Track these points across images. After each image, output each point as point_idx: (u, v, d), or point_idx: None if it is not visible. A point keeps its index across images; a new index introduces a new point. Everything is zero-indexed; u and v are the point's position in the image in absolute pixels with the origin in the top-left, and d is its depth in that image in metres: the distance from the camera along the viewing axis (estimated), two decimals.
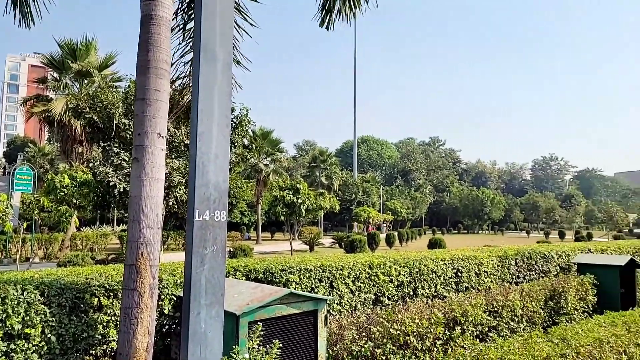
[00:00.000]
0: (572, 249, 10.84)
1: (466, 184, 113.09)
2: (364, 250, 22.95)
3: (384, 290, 6.94)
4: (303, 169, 67.67)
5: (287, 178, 39.56)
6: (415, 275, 7.32)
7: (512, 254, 9.09)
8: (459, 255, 8.09)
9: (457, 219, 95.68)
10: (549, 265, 9.78)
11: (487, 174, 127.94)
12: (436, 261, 7.65)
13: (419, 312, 5.83)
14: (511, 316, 6.85)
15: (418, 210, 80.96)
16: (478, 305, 6.35)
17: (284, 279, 6.11)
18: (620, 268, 8.70)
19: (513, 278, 9.00)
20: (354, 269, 6.67)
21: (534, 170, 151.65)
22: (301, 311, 4.74)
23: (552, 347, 5.26)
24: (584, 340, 5.53)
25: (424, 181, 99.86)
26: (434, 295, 7.55)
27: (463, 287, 8.00)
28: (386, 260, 7.08)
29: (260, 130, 39.33)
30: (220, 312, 4.20)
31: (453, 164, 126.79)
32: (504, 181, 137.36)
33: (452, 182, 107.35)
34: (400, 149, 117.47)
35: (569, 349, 5.30)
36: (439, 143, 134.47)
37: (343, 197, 62.99)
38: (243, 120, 19.27)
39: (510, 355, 4.85)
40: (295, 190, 25.69)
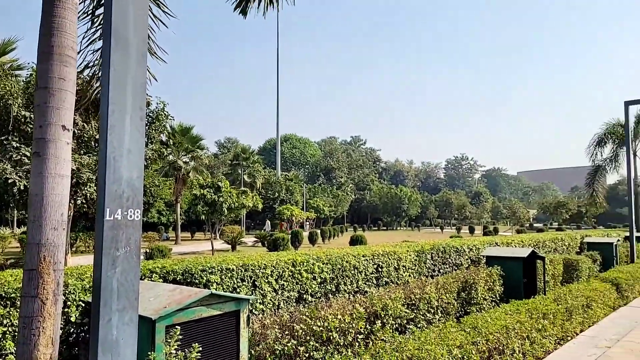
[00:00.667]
0: (482, 242, 11.59)
1: (385, 182, 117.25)
2: (287, 248, 22.94)
3: (307, 288, 6.94)
4: (225, 167, 66.29)
5: (208, 176, 38.50)
6: (338, 272, 7.41)
7: (428, 248, 9.52)
8: (379, 251, 8.32)
9: (377, 216, 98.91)
10: (461, 259, 10.37)
11: (404, 173, 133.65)
12: (358, 257, 7.80)
13: (342, 308, 5.89)
14: (428, 308, 7.16)
15: (340, 208, 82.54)
16: (397, 299, 6.55)
17: (204, 280, 5.90)
18: (523, 259, 9.43)
19: (429, 271, 9.42)
20: (277, 267, 6.61)
21: (447, 169, 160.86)
22: (223, 312, 4.59)
23: (465, 336, 5.56)
24: (492, 328, 5.90)
25: (345, 179, 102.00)
26: (356, 290, 7.70)
27: (383, 281, 8.24)
28: (309, 257, 7.09)
29: (180, 126, 37.89)
30: (134, 317, 3.93)
31: (373, 162, 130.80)
32: (420, 180, 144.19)
33: (373, 180, 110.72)
34: (322, 147, 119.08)
35: (480, 336, 5.64)
36: (360, 142, 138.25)
37: (266, 195, 62.60)
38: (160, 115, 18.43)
39: (427, 346, 5.05)
40: (217, 188, 25.06)
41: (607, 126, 27.37)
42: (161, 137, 30.55)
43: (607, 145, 28.08)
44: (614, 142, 27.18)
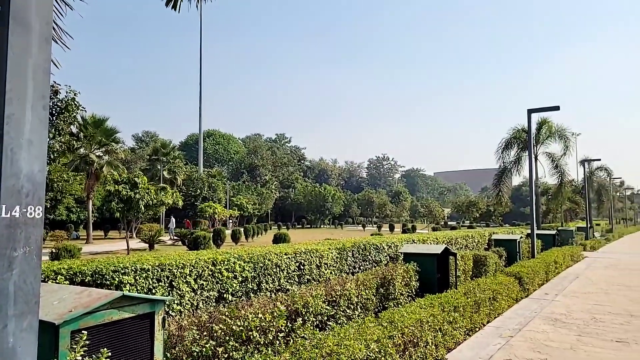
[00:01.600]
0: (400, 240, 12.05)
1: (310, 181, 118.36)
2: (208, 247, 22.36)
3: (228, 287, 6.81)
4: (143, 162, 63.24)
5: (124, 171, 36.45)
6: (260, 270, 7.34)
7: (349, 246, 9.72)
8: (302, 249, 8.36)
9: (302, 214, 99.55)
10: (380, 255, 10.70)
11: (329, 172, 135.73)
12: (280, 255, 7.78)
13: (263, 307, 5.84)
14: (348, 304, 7.31)
15: (264, 205, 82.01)
16: (318, 296, 6.62)
17: (116, 281, 5.58)
18: (437, 256, 9.93)
19: (350, 268, 9.62)
20: (197, 266, 6.41)
21: (369, 169, 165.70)
22: (135, 315, 4.35)
23: (382, 330, 5.74)
24: (407, 322, 6.15)
25: (270, 177, 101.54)
26: (278, 289, 7.67)
27: (305, 279, 8.29)
28: (230, 256, 6.96)
29: (92, 118, 35.51)
30: (34, 322, 3.60)
31: (298, 161, 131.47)
32: (344, 178, 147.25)
33: (297, 178, 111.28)
34: (247, 144, 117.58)
35: (396, 330, 5.84)
36: (285, 140, 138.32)
37: (187, 192, 60.61)
38: (70, 105, 17.13)
39: (346, 341, 5.14)
40: (133, 184, 23.79)
41: (513, 131, 29.65)
42: (71, 129, 28.46)
43: (512, 149, 30.40)
44: (518, 147, 29.51)
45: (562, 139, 30.87)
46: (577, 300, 10.97)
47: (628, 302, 10.74)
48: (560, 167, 31.00)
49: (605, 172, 53.66)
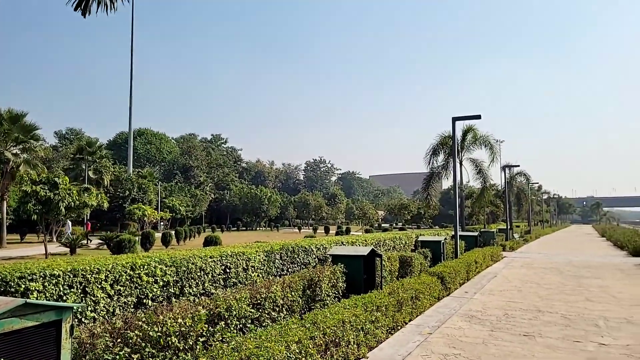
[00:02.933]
0: (329, 242, 12.23)
1: (246, 183, 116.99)
2: (134, 250, 21.45)
3: (147, 292, 6.58)
4: (66, 161, 59.52)
5: (44, 170, 34.12)
6: (183, 274, 7.16)
7: (277, 248, 9.73)
8: (228, 251, 8.26)
9: (237, 216, 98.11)
10: (309, 258, 10.80)
11: (265, 174, 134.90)
12: (205, 259, 7.64)
13: (183, 311, 5.71)
14: (273, 307, 7.31)
15: (198, 207, 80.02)
16: (242, 299, 6.57)
17: (22, 288, 5.23)
18: (364, 257, 10.18)
19: (278, 271, 9.63)
20: (113, 271, 6.15)
21: (306, 171, 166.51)
22: (40, 323, 4.11)
23: (304, 331, 5.80)
24: (330, 322, 6.26)
25: (205, 178, 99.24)
26: (202, 293, 7.53)
27: (231, 282, 8.19)
28: (151, 260, 6.74)
29: (8, 113, 32.93)
30: None
31: (234, 162, 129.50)
32: (281, 180, 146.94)
33: (233, 180, 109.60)
34: (181, 144, 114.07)
35: (318, 331, 5.93)
36: (221, 141, 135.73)
37: (115, 193, 57.81)
38: None
39: (267, 343, 5.15)
40: (53, 184, 22.30)
41: (441, 138, 31.05)
42: None
43: (440, 155, 31.80)
44: (445, 152, 30.94)
45: (487, 146, 32.69)
46: (493, 298, 11.66)
47: (537, 298, 11.57)
48: (483, 172, 32.86)
49: (524, 177, 57.53)
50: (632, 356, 6.69)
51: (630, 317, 9.36)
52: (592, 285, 13.76)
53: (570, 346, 7.21)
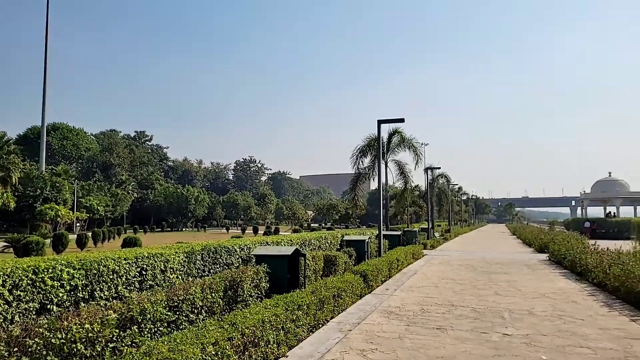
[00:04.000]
0: (253, 242, 12.13)
1: (172, 182, 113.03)
2: (42, 253, 19.96)
3: (52, 297, 6.16)
4: None
5: None
6: (93, 278, 6.78)
7: (199, 249, 9.50)
8: (144, 253, 7.93)
9: (162, 216, 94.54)
10: (232, 258, 10.65)
11: (193, 173, 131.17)
12: (118, 261, 7.29)
13: (92, 316, 5.41)
14: (191, 309, 7.13)
15: (119, 208, 76.13)
16: (158, 302, 6.35)
17: None
18: (287, 257, 10.21)
19: (199, 272, 9.40)
20: (12, 275, 5.68)
21: (236, 171, 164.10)
22: None
23: (222, 332, 5.71)
24: (250, 323, 6.21)
25: (127, 177, 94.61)
26: (115, 296, 7.17)
27: (147, 285, 7.88)
28: (57, 263, 6.31)
29: None
30: None
31: (159, 160, 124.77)
32: (209, 180, 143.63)
33: (158, 179, 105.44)
34: (101, 141, 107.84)
35: (236, 331, 5.86)
36: (146, 138, 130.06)
37: (25, 192, 53.48)
38: None
39: (182, 346, 5.01)
40: None
41: (368, 140, 31.83)
42: None
43: (367, 156, 32.59)
44: (372, 154, 31.76)
45: (411, 148, 33.97)
46: (411, 294, 12.15)
47: (452, 293, 12.22)
48: (406, 174, 34.11)
49: (445, 179, 60.55)
50: (531, 344, 7.26)
51: (532, 308, 10.16)
52: (501, 280, 14.77)
53: (477, 337, 7.69)
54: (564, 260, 17.72)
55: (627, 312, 9.68)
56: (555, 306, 10.38)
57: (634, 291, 10.13)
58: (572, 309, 10.09)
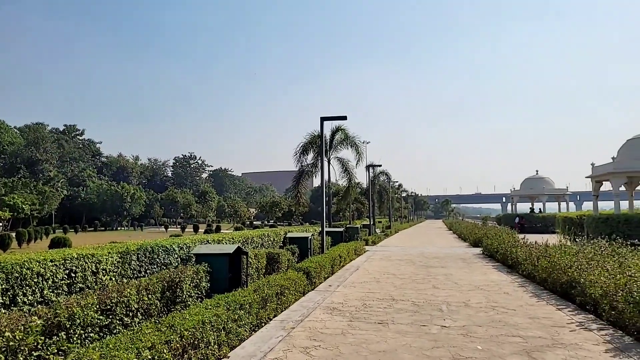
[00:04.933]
0: (193, 241, 11.76)
1: (106, 179, 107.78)
2: None
3: None
4: None
5: None
6: (15, 282, 6.25)
7: (134, 249, 9.05)
8: (74, 254, 7.43)
9: (95, 215, 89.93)
10: (170, 258, 10.25)
11: (129, 169, 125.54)
12: (44, 263, 6.77)
13: (13, 323, 4.97)
14: (126, 312, 6.76)
15: (47, 206, 71.50)
16: (89, 306, 5.95)
17: None
18: (229, 255, 9.97)
19: (134, 273, 8.96)
20: None
21: (175, 167, 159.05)
22: None
23: (159, 336, 5.44)
24: (189, 324, 5.97)
25: (56, 173, 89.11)
26: (40, 301, 6.66)
27: (77, 288, 7.39)
28: None
29: None
30: None
31: (92, 156, 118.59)
32: (146, 177, 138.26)
33: (90, 175, 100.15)
34: (26, 134, 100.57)
35: (174, 334, 5.61)
36: (76, 132, 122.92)
37: None
38: None
39: (115, 351, 4.72)
40: None
41: (311, 137, 31.91)
42: None
43: (310, 153, 32.68)
44: (315, 151, 31.88)
45: (353, 146, 34.44)
46: (354, 290, 12.28)
47: (393, 288, 12.48)
48: (349, 171, 34.60)
49: (386, 176, 62.01)
50: (467, 335, 7.53)
51: (468, 300, 10.57)
52: (439, 274, 15.28)
53: (417, 330, 7.88)
54: (497, 253, 18.63)
55: (553, 301, 10.30)
56: (489, 298, 10.86)
57: (559, 282, 10.80)
58: (504, 300, 10.60)
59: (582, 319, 8.54)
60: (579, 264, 10.33)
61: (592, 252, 11.66)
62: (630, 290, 7.38)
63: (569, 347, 6.81)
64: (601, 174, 24.85)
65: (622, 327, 7.51)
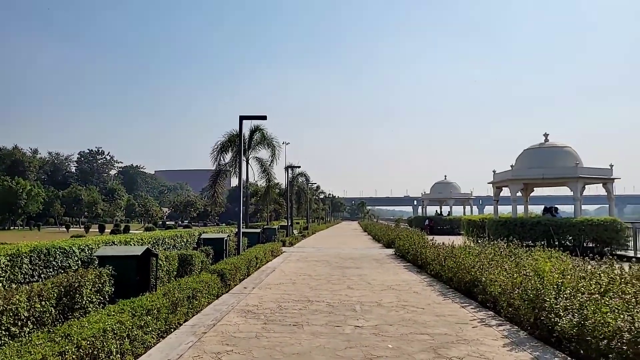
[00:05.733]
0: (97, 242, 10.93)
1: None
2: None
3: None
4: None
5: None
6: None
7: (26, 251, 8.19)
8: None
9: None
10: (69, 261, 9.43)
11: (26, 163, 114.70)
12: None
13: None
14: (14, 321, 6.08)
15: None
16: None
17: None
18: (137, 257, 9.38)
19: (26, 278, 8.12)
20: None
21: (80, 162, 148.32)
22: None
23: (52, 347, 4.94)
24: (87, 333, 5.49)
25: None
26: None
27: None
28: None
29: None
30: None
31: None
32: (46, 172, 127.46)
33: None
34: None
35: (70, 344, 5.13)
36: None
37: None
38: None
39: None
40: None
41: (229, 135, 31.23)
42: None
43: (228, 152, 31.98)
44: (233, 150, 31.25)
45: (271, 146, 34.27)
46: (269, 292, 12.13)
47: (309, 289, 12.50)
48: (268, 171, 34.38)
49: (305, 178, 62.49)
50: (379, 334, 7.71)
51: (380, 300, 10.87)
52: (354, 274, 15.60)
53: (331, 331, 7.93)
54: (408, 254, 19.44)
55: (458, 299, 10.91)
56: (400, 297, 11.25)
57: (463, 281, 11.46)
58: (414, 299, 11.04)
59: (483, 316, 9.11)
60: (480, 264, 11.03)
61: (493, 253, 12.52)
62: (525, 288, 7.98)
63: (471, 342, 7.21)
64: (501, 180, 26.87)
65: (518, 322, 8.11)
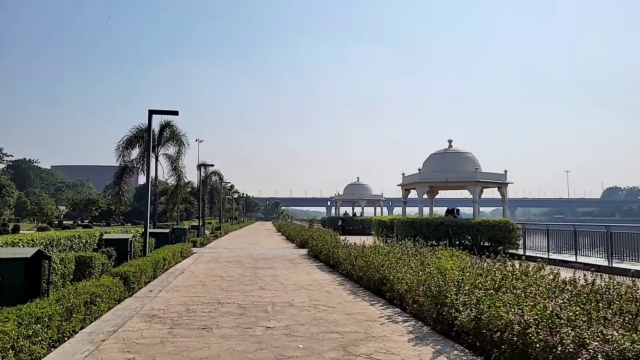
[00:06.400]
0: None
1: None
2: None
3: None
4: None
5: None
6: None
7: None
8: None
9: None
10: None
11: None
12: None
13: None
14: None
15: None
16: None
17: None
18: (26, 260, 8.50)
19: None
20: None
21: None
22: None
23: None
24: None
25: None
26: None
27: None
28: None
29: None
30: None
31: None
32: None
33: None
34: None
35: None
36: None
37: None
38: None
39: None
40: None
41: (137, 130, 29.58)
42: None
43: (136, 148, 30.29)
44: (141, 146, 29.65)
45: (179, 141, 33.04)
46: (177, 294, 11.62)
47: (220, 291, 12.17)
48: (179, 169, 33.08)
49: (218, 176, 61.04)
50: (290, 335, 7.68)
51: (292, 300, 10.86)
52: (266, 275, 15.47)
53: (242, 333, 7.75)
54: (320, 254, 19.69)
55: (367, 298, 11.22)
56: (311, 297, 11.32)
57: (373, 279, 11.82)
58: (325, 298, 11.18)
59: (390, 313, 9.45)
60: (389, 263, 11.44)
61: (400, 252, 13.06)
62: (429, 286, 8.39)
63: (379, 339, 7.43)
64: (409, 182, 28.21)
65: (422, 318, 8.51)
